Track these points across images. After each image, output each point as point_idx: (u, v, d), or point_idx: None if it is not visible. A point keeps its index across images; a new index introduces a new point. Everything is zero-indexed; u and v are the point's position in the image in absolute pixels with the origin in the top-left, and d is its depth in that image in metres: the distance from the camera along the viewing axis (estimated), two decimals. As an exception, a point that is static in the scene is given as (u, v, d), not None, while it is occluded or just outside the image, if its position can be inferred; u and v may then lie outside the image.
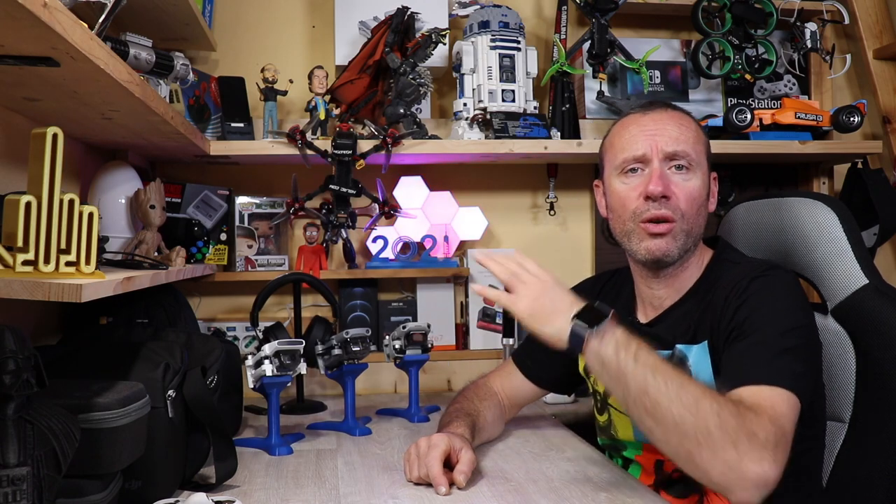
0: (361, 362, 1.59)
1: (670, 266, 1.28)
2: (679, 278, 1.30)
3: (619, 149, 1.30)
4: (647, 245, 1.25)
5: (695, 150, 1.26)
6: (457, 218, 2.10)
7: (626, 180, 1.28)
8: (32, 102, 1.18)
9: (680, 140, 1.26)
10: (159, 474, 1.12)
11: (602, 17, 1.97)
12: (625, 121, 1.33)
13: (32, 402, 0.83)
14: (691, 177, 1.25)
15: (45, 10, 0.77)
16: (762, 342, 1.11)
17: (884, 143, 2.16)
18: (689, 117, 1.31)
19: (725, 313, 1.18)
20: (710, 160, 1.32)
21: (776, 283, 1.19)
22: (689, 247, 1.27)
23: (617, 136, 1.32)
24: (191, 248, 1.80)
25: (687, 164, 1.25)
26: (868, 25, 2.22)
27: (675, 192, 1.24)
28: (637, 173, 1.27)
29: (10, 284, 0.85)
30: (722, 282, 1.24)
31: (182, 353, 1.23)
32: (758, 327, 1.13)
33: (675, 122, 1.28)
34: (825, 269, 1.33)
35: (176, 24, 1.75)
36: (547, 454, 1.38)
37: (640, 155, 1.26)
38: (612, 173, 1.31)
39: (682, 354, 1.24)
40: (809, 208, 1.38)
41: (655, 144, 1.25)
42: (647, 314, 1.35)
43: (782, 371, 1.07)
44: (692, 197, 1.25)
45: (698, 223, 1.26)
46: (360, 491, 1.18)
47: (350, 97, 1.93)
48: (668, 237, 1.24)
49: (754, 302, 1.16)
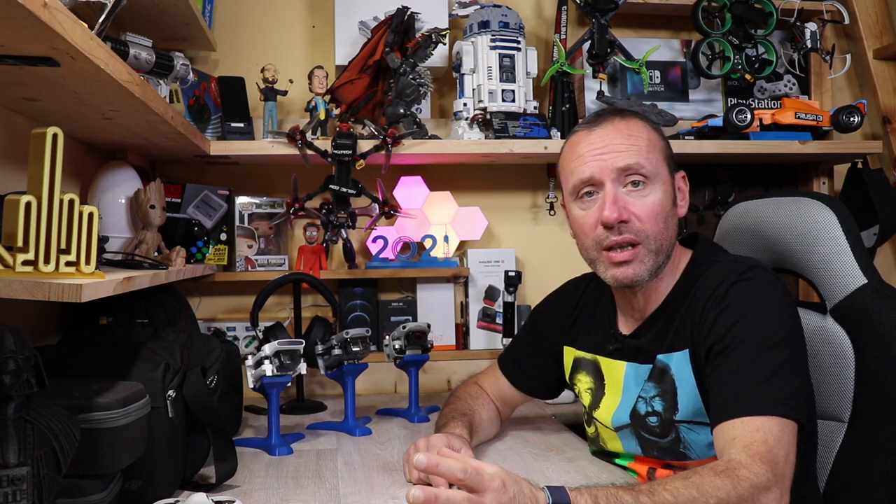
0: (361, 362, 1.59)
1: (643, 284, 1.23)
2: (656, 290, 1.26)
3: (569, 172, 1.24)
4: (614, 273, 1.21)
5: (649, 161, 1.19)
6: (457, 218, 2.10)
7: (582, 206, 1.23)
8: (32, 102, 1.18)
9: (630, 153, 1.19)
10: (159, 474, 1.12)
11: (602, 17, 1.97)
12: (572, 139, 1.26)
13: (32, 402, 0.83)
14: (649, 191, 1.19)
15: (45, 10, 0.77)
16: (749, 362, 1.08)
17: (884, 143, 2.16)
18: (639, 123, 1.23)
19: (706, 321, 1.15)
20: (672, 163, 1.25)
21: (756, 287, 1.15)
22: (661, 262, 1.21)
23: (567, 158, 1.26)
24: (191, 248, 1.80)
25: (643, 179, 1.19)
26: (868, 25, 2.22)
27: (633, 212, 1.18)
28: (592, 197, 1.21)
29: (10, 284, 0.85)
30: (700, 285, 1.20)
31: (182, 353, 1.23)
32: (742, 340, 1.10)
33: (623, 135, 1.20)
34: (824, 269, 1.33)
35: (176, 24, 1.75)
36: (547, 454, 1.38)
37: (588, 178, 1.20)
38: (569, 198, 1.26)
39: (663, 365, 1.22)
40: (808, 208, 1.37)
41: (605, 164, 1.19)
42: (628, 325, 1.31)
43: (774, 397, 1.05)
44: (653, 213, 1.18)
45: (667, 236, 1.20)
46: (360, 491, 1.18)
47: (350, 97, 1.93)
48: (634, 263, 1.19)
49: (736, 310, 1.13)
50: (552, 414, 1.75)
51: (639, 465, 1.29)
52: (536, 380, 1.49)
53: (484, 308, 2.08)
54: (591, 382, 1.35)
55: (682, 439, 1.21)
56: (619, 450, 1.32)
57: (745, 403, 1.05)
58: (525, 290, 2.16)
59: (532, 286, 2.16)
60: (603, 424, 1.32)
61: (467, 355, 2.07)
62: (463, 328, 2.12)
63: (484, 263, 2.10)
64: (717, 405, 1.10)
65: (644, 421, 1.24)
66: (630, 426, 1.27)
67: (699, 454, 1.20)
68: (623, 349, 1.29)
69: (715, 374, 1.12)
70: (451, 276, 2.09)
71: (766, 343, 1.09)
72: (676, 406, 1.20)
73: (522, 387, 1.49)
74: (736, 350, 1.10)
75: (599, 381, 1.33)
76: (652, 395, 1.23)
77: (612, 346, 1.31)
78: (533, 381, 1.49)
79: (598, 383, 1.33)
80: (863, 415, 1.26)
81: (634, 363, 1.27)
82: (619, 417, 1.28)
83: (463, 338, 2.11)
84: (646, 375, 1.25)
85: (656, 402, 1.23)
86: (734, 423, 1.05)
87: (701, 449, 1.20)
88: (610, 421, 1.29)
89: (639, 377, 1.26)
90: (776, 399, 1.05)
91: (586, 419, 1.39)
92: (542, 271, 2.18)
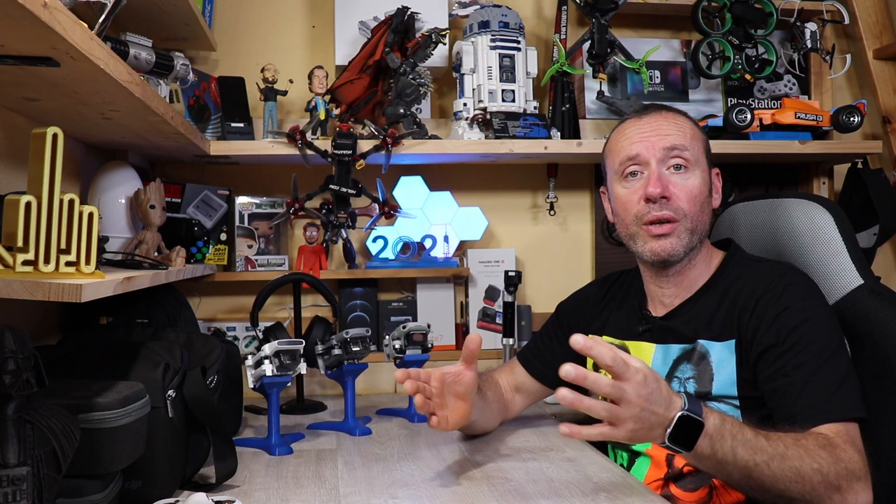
0: (361, 362, 1.59)
1: (677, 264, 1.30)
2: (688, 276, 1.32)
3: (616, 152, 1.32)
4: (652, 246, 1.27)
5: (692, 147, 1.28)
6: (457, 218, 2.10)
7: (626, 184, 1.30)
8: (32, 102, 1.18)
9: (676, 135, 1.27)
10: (159, 474, 1.12)
11: (602, 17, 1.97)
12: (622, 126, 1.35)
13: (32, 402, 0.83)
14: (690, 175, 1.27)
15: (45, 10, 0.77)
16: (818, 370, 1.14)
17: (884, 143, 2.16)
18: (685, 117, 1.33)
19: (763, 318, 1.20)
20: (711, 158, 1.34)
21: (810, 291, 1.23)
22: (695, 244, 1.28)
23: (615, 140, 1.34)
24: (191, 248, 1.80)
25: (685, 163, 1.27)
26: (868, 25, 2.22)
27: (674, 192, 1.25)
28: (637, 177, 1.29)
29: (10, 284, 0.85)
30: (747, 280, 1.26)
31: (182, 353, 1.23)
32: (805, 345, 1.16)
33: (669, 121, 1.30)
34: (820, 270, 1.34)
35: (176, 24, 1.75)
36: (547, 454, 1.38)
37: (635, 155, 1.28)
38: (614, 178, 1.34)
39: (703, 350, 1.26)
40: (805, 209, 1.38)
41: (652, 145, 1.27)
42: (657, 311, 1.36)
43: (847, 403, 1.13)
44: (692, 195, 1.26)
45: (702, 220, 1.28)
46: (360, 491, 1.18)
47: (350, 97, 1.93)
48: (671, 237, 1.26)
49: (796, 314, 1.18)
50: (552, 414, 1.75)
51: (657, 449, 1.30)
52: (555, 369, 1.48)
53: (484, 308, 2.08)
54: None
55: None
56: None
57: (828, 412, 1.12)
58: (525, 290, 2.16)
59: (532, 286, 2.17)
60: None
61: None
62: (463, 328, 2.12)
63: (484, 263, 2.10)
64: (799, 411, 1.14)
65: None
66: None
67: None
68: (653, 330, 1.33)
69: (781, 380, 1.17)
70: (451, 276, 2.09)
71: (828, 349, 1.17)
72: (710, 390, 1.24)
73: (540, 376, 1.51)
74: (801, 355, 1.16)
75: None
76: (688, 376, 1.27)
77: (643, 328, 1.35)
78: (552, 371, 1.48)
79: None
80: (861, 415, 1.27)
81: (664, 345, 1.31)
82: None
83: (463, 338, 2.10)
84: (675, 355, 1.28)
85: (690, 383, 1.26)
86: (822, 429, 1.11)
87: None
88: None
89: (667, 358, 1.29)
90: (850, 405, 1.13)
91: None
92: (542, 271, 2.18)
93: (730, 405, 1.22)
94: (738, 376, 1.22)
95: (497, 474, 1.25)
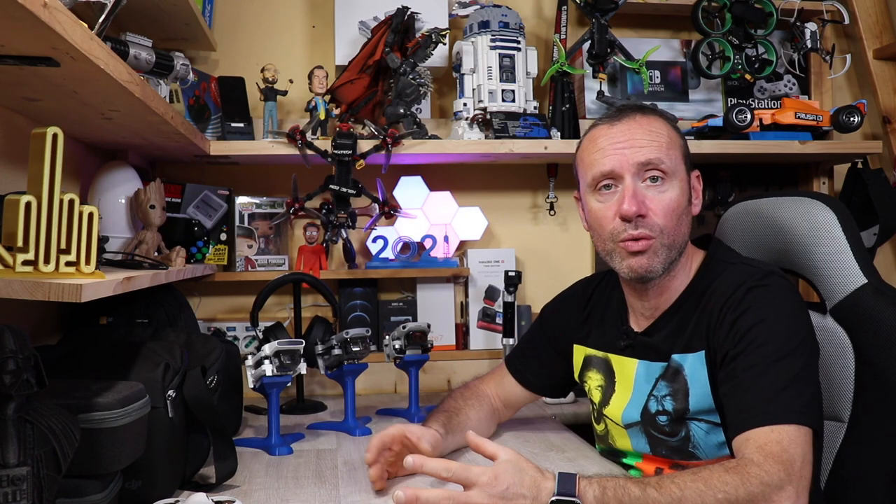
0: (361, 362, 1.59)
1: (656, 279, 1.25)
2: (668, 288, 1.27)
3: (588, 164, 1.25)
4: (629, 263, 1.22)
5: (668, 157, 1.21)
6: (457, 218, 2.10)
7: (600, 198, 1.24)
8: (32, 102, 1.18)
9: (652, 148, 1.20)
10: (159, 474, 1.12)
11: (602, 17, 1.97)
12: (593, 133, 1.27)
13: (32, 402, 0.83)
14: (667, 187, 1.21)
15: (45, 10, 0.77)
16: (764, 372, 1.09)
17: (884, 143, 2.16)
18: (660, 120, 1.25)
19: (723, 323, 1.16)
20: (690, 161, 1.27)
21: (773, 294, 1.17)
22: (674, 258, 1.23)
23: (587, 150, 1.27)
24: (191, 248, 1.80)
25: (661, 174, 1.20)
26: (868, 25, 2.22)
27: (650, 207, 1.19)
28: (611, 190, 1.22)
29: (10, 284, 0.85)
30: (717, 286, 1.21)
31: (182, 353, 1.23)
32: (757, 346, 1.11)
33: (644, 130, 1.22)
34: (824, 269, 1.33)
35: (176, 24, 1.75)
36: (547, 454, 1.38)
37: (609, 171, 1.21)
38: (587, 190, 1.27)
39: (677, 365, 1.22)
40: (808, 208, 1.38)
41: (626, 159, 1.20)
42: (639, 323, 1.32)
43: (791, 405, 1.06)
44: (669, 209, 1.20)
45: (680, 233, 1.22)
46: (360, 491, 1.18)
47: (350, 97, 1.93)
48: (648, 254, 1.20)
49: (752, 316, 1.14)
50: (552, 414, 1.75)
51: (646, 464, 1.30)
52: (544, 378, 1.49)
53: (484, 308, 2.08)
54: (601, 380, 1.35)
55: (692, 438, 1.22)
56: (627, 448, 1.32)
57: (762, 414, 1.06)
58: (525, 290, 2.16)
59: (532, 286, 2.17)
60: (613, 421, 1.32)
61: (467, 355, 2.07)
62: (463, 328, 2.12)
63: (484, 263, 2.10)
64: (735, 417, 1.10)
65: (654, 419, 1.25)
66: (640, 424, 1.27)
67: (708, 454, 1.20)
68: (635, 346, 1.30)
69: (731, 382, 1.13)
70: (451, 276, 2.09)
71: (780, 352, 1.10)
72: (688, 406, 1.20)
73: (529, 385, 1.49)
74: (751, 356, 1.11)
75: (610, 378, 1.34)
76: (664, 394, 1.24)
77: (624, 343, 1.31)
78: (540, 380, 1.49)
79: (608, 381, 1.34)
80: (863, 415, 1.26)
81: (646, 361, 1.28)
82: (629, 414, 1.28)
83: (463, 338, 2.11)
84: (657, 373, 1.25)
85: (667, 401, 1.23)
86: (750, 433, 1.06)
87: (710, 448, 1.20)
88: (620, 418, 1.30)
89: (650, 375, 1.26)
90: (793, 408, 1.06)
91: (596, 416, 1.39)
92: (542, 271, 2.18)
93: (708, 423, 1.20)
94: (711, 389, 1.18)
95: (497, 474, 1.24)
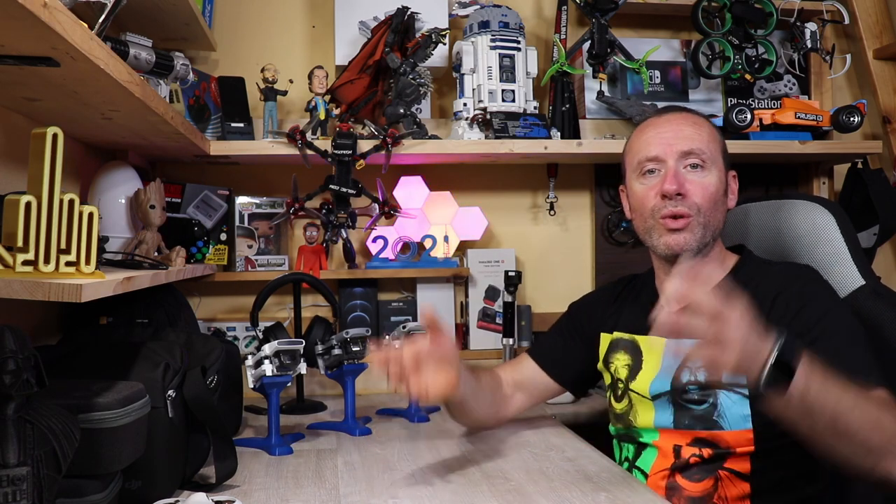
0: (361, 362, 1.59)
1: (690, 257, 1.31)
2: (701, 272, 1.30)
3: (635, 151, 1.37)
4: (666, 240, 1.30)
5: (709, 148, 1.32)
6: (457, 218, 2.10)
7: (644, 181, 1.34)
8: (32, 102, 1.18)
9: (694, 139, 1.31)
10: (159, 474, 1.12)
11: (602, 17, 1.97)
12: (642, 126, 1.40)
13: (32, 402, 0.83)
14: (706, 174, 1.31)
15: (45, 10, 0.77)
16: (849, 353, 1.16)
17: (884, 143, 2.16)
18: (703, 118, 1.37)
19: (783, 315, 1.22)
20: (728, 160, 1.37)
21: (827, 286, 1.28)
22: (708, 240, 1.31)
23: (635, 140, 1.39)
24: (191, 248, 1.80)
25: (701, 162, 1.30)
26: (868, 25, 2.22)
27: (689, 188, 1.29)
28: (654, 174, 1.33)
29: (10, 284, 0.85)
30: (762, 280, 1.28)
31: (182, 353, 1.23)
32: (833, 333, 1.19)
33: (688, 123, 1.34)
34: (822, 271, 1.34)
35: (176, 24, 1.75)
36: (547, 454, 1.38)
37: (654, 156, 1.32)
38: (632, 175, 1.37)
39: None
40: (807, 210, 1.39)
41: (670, 145, 1.31)
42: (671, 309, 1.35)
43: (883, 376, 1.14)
44: (707, 192, 1.30)
45: (716, 217, 1.31)
46: (360, 491, 1.18)
47: (350, 97, 1.93)
48: (685, 232, 1.29)
49: (818, 306, 1.22)
50: (552, 414, 1.75)
51: (664, 440, 1.31)
52: (564, 363, 1.52)
53: (484, 308, 2.08)
54: (628, 360, 1.40)
55: (718, 406, 1.25)
56: (648, 424, 1.33)
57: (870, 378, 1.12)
58: (525, 290, 2.16)
59: (532, 286, 2.17)
60: (639, 395, 1.35)
61: (467, 355, 2.07)
62: (463, 328, 2.12)
63: (484, 263, 2.10)
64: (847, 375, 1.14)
65: (685, 389, 1.29)
66: (669, 393, 1.30)
67: (732, 424, 1.24)
68: None
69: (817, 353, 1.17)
70: (451, 276, 2.09)
71: (856, 337, 1.20)
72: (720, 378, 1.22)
73: (547, 366, 1.51)
74: (829, 340, 1.18)
75: (637, 356, 1.38)
76: (699, 365, 1.25)
77: None
78: (560, 363, 1.52)
79: (635, 359, 1.38)
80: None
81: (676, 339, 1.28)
82: (658, 385, 1.32)
83: (463, 338, 2.11)
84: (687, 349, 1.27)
85: (701, 372, 1.27)
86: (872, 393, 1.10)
87: (735, 419, 1.24)
88: (648, 389, 1.33)
89: (679, 353, 1.29)
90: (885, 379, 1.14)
91: (618, 396, 1.41)
92: (542, 271, 2.18)
93: (738, 394, 1.23)
94: None
95: (497, 474, 1.25)
